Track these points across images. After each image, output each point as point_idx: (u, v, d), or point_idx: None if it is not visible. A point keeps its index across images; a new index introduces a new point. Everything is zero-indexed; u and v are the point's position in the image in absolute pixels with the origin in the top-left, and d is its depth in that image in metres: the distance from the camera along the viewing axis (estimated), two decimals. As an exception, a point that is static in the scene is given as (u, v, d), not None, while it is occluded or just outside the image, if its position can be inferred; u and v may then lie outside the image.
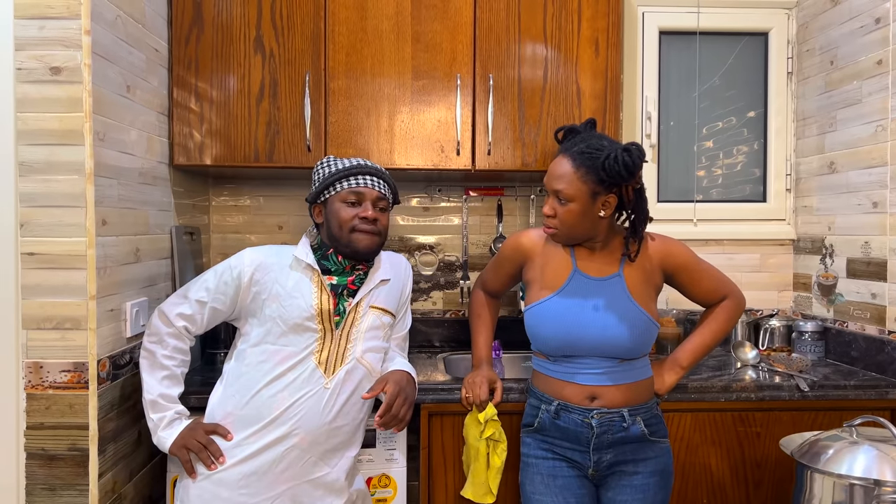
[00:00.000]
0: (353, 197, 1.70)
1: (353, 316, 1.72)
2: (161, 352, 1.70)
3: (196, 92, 2.15)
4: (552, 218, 1.66)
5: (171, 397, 1.71)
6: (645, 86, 2.64)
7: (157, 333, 1.71)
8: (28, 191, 1.60)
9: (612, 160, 1.55)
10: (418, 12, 2.20)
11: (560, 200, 1.63)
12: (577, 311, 1.66)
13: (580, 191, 1.60)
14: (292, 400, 1.62)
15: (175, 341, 1.72)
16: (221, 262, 1.74)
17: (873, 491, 1.50)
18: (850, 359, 2.27)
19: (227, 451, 1.63)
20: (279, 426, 1.61)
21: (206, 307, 1.71)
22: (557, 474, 1.68)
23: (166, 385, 1.70)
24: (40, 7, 1.59)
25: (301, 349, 1.65)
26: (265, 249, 1.75)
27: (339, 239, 1.71)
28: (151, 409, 1.69)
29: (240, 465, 1.62)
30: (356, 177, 1.71)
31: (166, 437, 1.67)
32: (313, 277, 1.71)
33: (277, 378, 1.63)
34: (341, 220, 1.69)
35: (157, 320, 1.72)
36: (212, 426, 1.66)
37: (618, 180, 1.58)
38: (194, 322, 1.72)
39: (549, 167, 1.66)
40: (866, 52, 2.20)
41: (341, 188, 1.71)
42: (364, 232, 1.69)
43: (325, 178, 1.73)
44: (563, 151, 1.64)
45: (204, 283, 1.72)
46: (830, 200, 2.41)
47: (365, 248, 1.71)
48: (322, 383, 1.65)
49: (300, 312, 1.66)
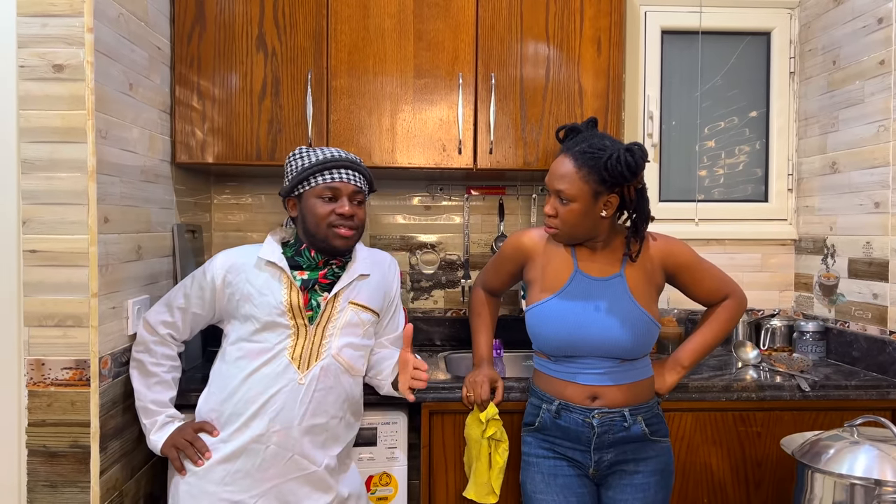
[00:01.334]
0: (329, 193, 1.68)
1: (330, 311, 1.71)
2: (149, 360, 1.74)
3: (198, 90, 2.15)
4: (554, 218, 1.66)
5: (162, 402, 1.75)
6: (647, 85, 2.64)
7: (143, 343, 1.75)
8: (30, 188, 1.60)
9: (615, 160, 1.55)
10: (420, 11, 2.20)
11: (562, 200, 1.62)
12: (579, 311, 1.66)
13: (582, 190, 1.60)
14: (267, 396, 1.63)
15: (162, 348, 1.76)
16: (199, 267, 1.77)
17: (874, 491, 1.50)
18: (852, 359, 2.27)
19: (212, 446, 1.66)
20: (257, 423, 1.63)
21: (188, 313, 1.75)
22: (558, 473, 1.69)
23: (156, 391, 1.75)
24: (43, 4, 1.59)
25: (273, 345, 1.66)
26: (237, 250, 1.77)
27: (315, 235, 1.70)
28: (143, 414, 1.74)
29: (224, 462, 1.64)
30: (331, 171, 1.68)
31: (158, 439, 1.71)
32: (282, 275, 1.71)
33: (252, 374, 1.65)
34: (317, 216, 1.68)
35: (142, 330, 1.76)
36: (199, 424, 1.69)
37: (620, 180, 1.58)
38: (177, 328, 1.77)
39: (551, 167, 1.66)
40: (869, 52, 2.20)
41: (315, 183, 1.68)
42: (342, 228, 1.68)
43: (299, 171, 1.70)
44: (565, 151, 1.64)
45: (183, 289, 1.76)
46: (832, 200, 2.41)
47: (343, 245, 1.70)
48: (296, 378, 1.65)
49: (270, 309, 1.67)
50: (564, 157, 1.63)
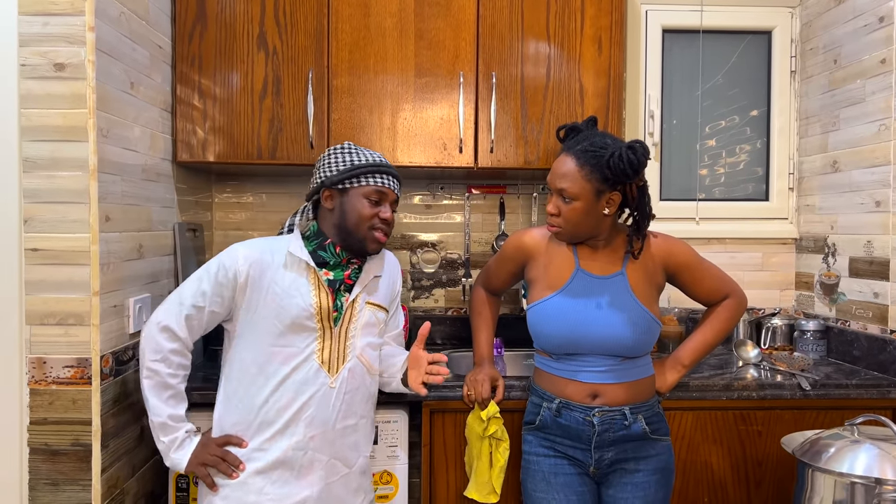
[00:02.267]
0: (377, 196, 1.66)
1: (351, 312, 1.69)
2: (166, 371, 1.61)
3: (199, 89, 2.16)
4: (556, 216, 1.66)
5: (180, 417, 1.65)
6: (648, 84, 2.64)
7: (159, 350, 1.61)
8: (32, 187, 1.61)
9: (617, 158, 1.56)
10: (421, 10, 2.21)
11: (564, 199, 1.63)
12: (580, 309, 1.67)
13: (584, 189, 1.60)
14: (300, 402, 1.60)
15: (179, 358, 1.63)
16: (212, 261, 1.65)
17: (874, 489, 1.50)
18: (852, 358, 2.27)
19: (245, 456, 1.61)
20: (294, 430, 1.60)
21: (205, 311, 1.63)
22: (559, 472, 1.69)
23: (173, 405, 1.63)
24: (44, 3, 1.59)
25: (302, 349, 1.62)
26: (257, 244, 1.68)
27: (352, 233, 1.66)
28: (161, 431, 1.62)
29: (262, 472, 1.60)
30: (382, 175, 1.67)
31: (180, 458, 1.63)
32: (310, 274, 1.66)
33: (283, 381, 1.60)
34: (362, 216, 1.65)
35: (158, 335, 1.61)
36: (223, 438, 1.63)
37: (622, 178, 1.59)
38: (193, 331, 1.64)
39: (553, 165, 1.66)
40: (870, 50, 2.20)
41: (366, 182, 1.66)
42: (379, 232, 1.67)
43: (351, 167, 1.66)
44: (567, 150, 1.64)
45: (198, 285, 1.63)
46: (833, 199, 2.41)
47: (376, 249, 1.70)
48: (327, 383, 1.63)
49: (298, 311, 1.61)
50: (566, 155, 1.63)
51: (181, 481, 1.91)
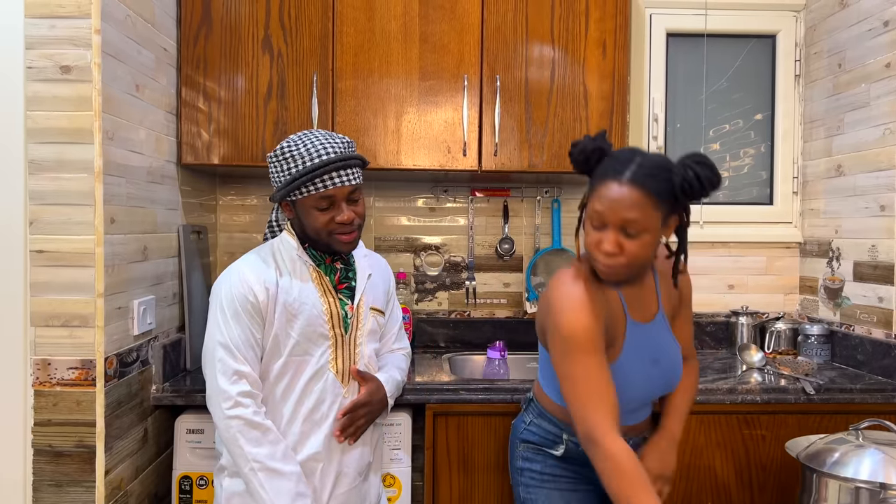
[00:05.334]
0: (325, 203, 1.54)
1: (357, 319, 1.67)
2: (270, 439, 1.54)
3: (204, 91, 2.16)
4: (616, 255, 1.37)
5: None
6: (652, 87, 2.64)
7: (242, 417, 1.50)
8: (37, 189, 1.61)
9: (693, 178, 1.33)
10: (426, 13, 2.21)
11: (628, 233, 1.36)
12: (639, 369, 1.49)
13: (654, 218, 1.36)
14: (319, 414, 1.59)
15: (261, 418, 1.54)
16: (223, 299, 1.56)
17: (879, 494, 1.50)
18: (857, 362, 2.26)
19: None
20: (312, 441, 1.59)
21: (255, 352, 1.57)
22: (578, 489, 1.62)
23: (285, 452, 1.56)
24: (51, 6, 1.60)
25: (318, 358, 1.60)
26: (253, 262, 1.61)
27: (317, 241, 1.60)
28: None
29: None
30: (322, 178, 1.52)
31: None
32: (313, 279, 1.62)
33: (304, 397, 1.59)
34: (317, 227, 1.56)
35: (237, 409, 1.50)
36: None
37: (692, 200, 1.38)
38: (256, 383, 1.57)
39: (604, 196, 1.36)
40: (874, 55, 2.20)
41: (308, 192, 1.53)
42: (342, 234, 1.58)
43: (290, 179, 1.53)
44: (621, 178, 1.35)
45: (234, 332, 1.54)
46: (837, 203, 2.40)
47: (347, 249, 1.62)
48: (341, 392, 1.62)
49: (313, 319, 1.58)
50: (624, 184, 1.34)
51: (184, 483, 1.91)
